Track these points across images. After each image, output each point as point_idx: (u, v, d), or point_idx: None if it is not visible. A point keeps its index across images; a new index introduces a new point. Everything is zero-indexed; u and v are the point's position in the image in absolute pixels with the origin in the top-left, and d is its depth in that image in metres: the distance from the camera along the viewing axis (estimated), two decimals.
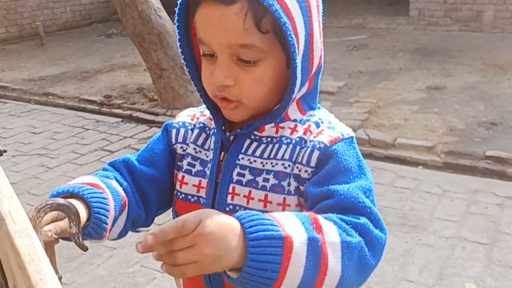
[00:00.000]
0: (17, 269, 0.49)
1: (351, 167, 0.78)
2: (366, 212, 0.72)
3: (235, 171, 0.84)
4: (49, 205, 0.62)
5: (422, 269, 2.43)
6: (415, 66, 6.10)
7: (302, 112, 0.87)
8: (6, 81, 6.58)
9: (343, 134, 0.81)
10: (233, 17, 0.72)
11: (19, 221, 0.54)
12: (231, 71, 0.77)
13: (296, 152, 0.81)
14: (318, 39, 0.81)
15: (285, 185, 0.81)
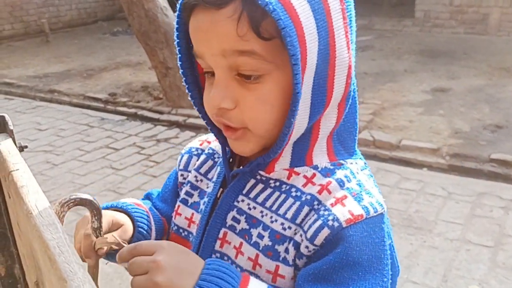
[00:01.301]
0: (46, 261, 0.50)
1: (363, 260, 0.61)
2: None
3: (230, 214, 0.71)
4: (72, 199, 0.63)
5: (426, 271, 2.44)
6: (421, 68, 6.10)
7: (331, 157, 0.68)
8: (11, 78, 6.60)
9: (369, 210, 0.62)
10: (225, 21, 0.58)
11: (46, 215, 0.55)
12: (229, 90, 0.62)
13: (303, 213, 0.64)
14: (345, 53, 0.62)
15: (281, 251, 0.65)
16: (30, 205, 0.57)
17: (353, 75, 0.66)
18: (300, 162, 0.67)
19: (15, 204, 0.66)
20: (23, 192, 0.60)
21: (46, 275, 0.53)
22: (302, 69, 0.59)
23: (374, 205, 0.63)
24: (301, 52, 0.58)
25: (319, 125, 0.66)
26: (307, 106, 0.62)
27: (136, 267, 0.58)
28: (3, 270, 0.85)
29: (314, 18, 0.59)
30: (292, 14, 0.57)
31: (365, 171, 0.70)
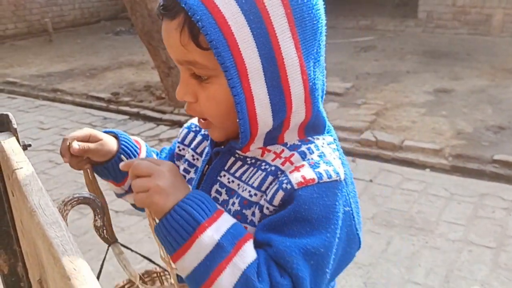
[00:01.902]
0: (50, 259, 0.50)
1: (312, 218, 0.70)
2: (292, 277, 0.68)
3: (214, 188, 0.82)
4: (75, 198, 0.63)
5: (428, 271, 2.43)
6: (423, 68, 6.09)
7: (300, 135, 0.78)
8: (14, 77, 6.62)
9: (322, 176, 0.71)
10: (173, 32, 0.69)
11: (50, 213, 0.55)
12: (189, 87, 0.74)
13: (268, 182, 0.74)
14: (292, 52, 0.69)
15: (248, 214, 0.75)
16: (34, 203, 0.58)
17: (312, 72, 0.72)
18: (272, 142, 0.77)
19: (19, 202, 0.66)
20: (27, 191, 0.60)
21: (49, 273, 0.53)
22: (242, 74, 0.68)
23: (330, 172, 0.71)
24: (235, 59, 0.67)
25: (289, 121, 0.75)
26: (266, 104, 0.70)
27: (137, 188, 0.69)
28: (6, 268, 0.86)
29: (249, 27, 0.66)
30: (223, 28, 0.66)
31: (331, 145, 0.78)
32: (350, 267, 2.46)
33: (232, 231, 0.69)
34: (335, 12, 10.28)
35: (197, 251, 0.67)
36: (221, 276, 0.66)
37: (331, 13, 5.43)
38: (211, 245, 0.67)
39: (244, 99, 0.69)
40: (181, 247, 0.67)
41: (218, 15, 0.66)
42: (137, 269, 1.27)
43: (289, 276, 0.69)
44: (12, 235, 0.83)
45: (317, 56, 0.73)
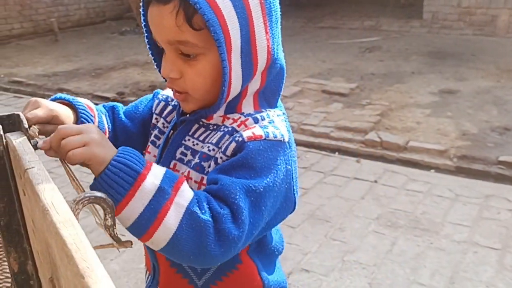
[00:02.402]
0: (63, 257, 0.51)
1: (257, 166, 0.81)
2: (233, 207, 0.77)
3: (179, 150, 0.92)
4: (87, 197, 0.64)
5: (433, 272, 2.43)
6: (428, 69, 6.08)
7: (256, 107, 0.91)
8: (21, 76, 6.65)
9: (268, 134, 0.83)
10: (168, 15, 0.79)
11: (62, 212, 0.56)
12: (175, 65, 0.84)
13: (224, 139, 0.86)
14: (263, 36, 0.84)
15: (206, 166, 0.87)
16: (46, 202, 0.58)
17: (276, 51, 0.87)
18: (232, 111, 0.90)
19: (31, 201, 0.67)
20: (39, 190, 0.61)
21: (62, 271, 0.54)
22: (228, 50, 0.80)
23: (276, 133, 0.84)
24: (225, 37, 0.79)
25: (247, 87, 0.89)
26: (239, 75, 0.84)
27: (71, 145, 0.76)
28: (16, 266, 0.87)
29: (235, 11, 0.79)
30: (216, 10, 0.77)
31: (280, 117, 0.91)
32: (354, 267, 2.47)
33: (168, 176, 0.77)
34: (339, 12, 10.28)
35: (141, 197, 0.73)
36: (167, 215, 0.74)
37: (335, 13, 5.48)
38: (154, 190, 0.73)
39: (228, 71, 0.81)
40: (125, 196, 0.73)
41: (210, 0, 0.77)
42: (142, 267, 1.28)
43: (229, 207, 0.78)
44: (23, 234, 0.83)
45: (278, 39, 0.89)
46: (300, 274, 2.45)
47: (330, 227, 2.86)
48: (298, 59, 6.86)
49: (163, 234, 0.74)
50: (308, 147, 4.08)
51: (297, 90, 5.38)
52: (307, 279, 2.41)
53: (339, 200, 3.18)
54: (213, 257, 0.77)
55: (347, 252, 2.61)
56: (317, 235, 2.79)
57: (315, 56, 6.99)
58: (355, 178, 3.49)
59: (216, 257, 0.77)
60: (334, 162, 3.78)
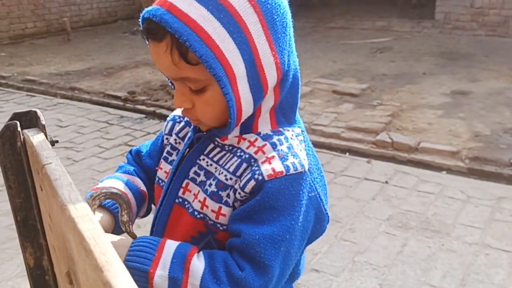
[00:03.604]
0: (81, 252, 0.52)
1: (279, 206, 0.80)
2: (264, 265, 0.78)
3: (193, 169, 0.91)
4: (103, 193, 0.65)
5: (445, 274, 2.42)
6: (440, 70, 6.04)
7: (273, 125, 0.87)
8: (33, 75, 6.71)
9: (289, 169, 0.81)
10: (163, 55, 0.77)
11: (80, 207, 0.57)
12: (185, 96, 0.83)
13: (242, 168, 0.84)
14: (268, 53, 0.79)
15: (224, 196, 0.84)
16: (64, 198, 0.59)
17: (286, 64, 0.83)
18: (247, 130, 0.87)
19: (48, 197, 0.68)
20: (57, 185, 0.62)
21: (80, 265, 0.55)
22: (231, 79, 0.77)
23: (296, 165, 0.81)
24: (225, 68, 0.76)
25: (260, 106, 0.85)
26: (249, 100, 0.81)
27: None
28: (32, 261, 0.88)
29: (232, 38, 0.75)
30: (209, 43, 0.74)
31: (299, 137, 0.88)
32: (365, 268, 2.47)
33: (176, 260, 0.78)
34: (350, 13, 10.24)
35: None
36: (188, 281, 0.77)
37: (346, 14, 5.47)
38: (166, 281, 0.77)
39: (234, 100, 0.79)
40: None
41: (201, 32, 0.73)
42: None
43: (252, 265, 0.78)
44: (39, 229, 0.84)
45: (289, 47, 0.84)
46: (310, 274, 2.45)
47: (340, 228, 2.85)
48: (308, 59, 6.85)
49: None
50: (318, 147, 4.07)
51: (308, 91, 5.37)
52: (317, 279, 2.41)
53: (350, 201, 3.17)
54: None
55: (358, 253, 2.60)
56: (327, 235, 2.78)
57: (326, 57, 6.98)
58: (365, 178, 3.48)
59: None
60: (344, 162, 3.77)
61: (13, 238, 2.82)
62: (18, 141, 0.77)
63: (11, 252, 2.70)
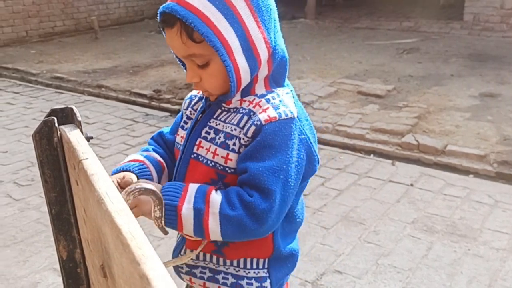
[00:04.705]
0: (118, 245, 0.53)
1: (275, 144, 1.00)
2: (267, 190, 0.98)
3: (204, 130, 1.10)
4: (138, 189, 0.66)
5: (471, 279, 2.38)
6: (469, 72, 5.93)
7: (267, 88, 1.09)
8: (62, 72, 6.85)
9: (281, 114, 1.01)
10: (175, 37, 0.99)
11: (116, 201, 0.58)
12: (194, 72, 1.04)
13: (244, 120, 1.04)
14: (257, 30, 1.01)
15: (230, 144, 1.04)
16: (101, 192, 0.60)
17: (273, 40, 1.04)
18: (247, 94, 1.08)
19: (84, 191, 0.69)
20: (94, 180, 0.63)
21: (116, 259, 0.56)
22: (229, 52, 0.98)
23: (287, 112, 1.02)
24: (222, 43, 0.97)
25: (257, 75, 1.07)
26: (246, 68, 1.01)
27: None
28: (65, 254, 0.90)
29: (226, 19, 0.97)
30: (209, 24, 0.96)
31: (289, 95, 1.09)
32: (389, 271, 2.44)
33: (198, 195, 0.99)
34: (377, 13, 10.13)
35: (187, 222, 0.98)
36: (209, 225, 0.98)
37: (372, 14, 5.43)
38: (192, 213, 0.98)
39: (233, 68, 0.99)
40: (177, 227, 0.98)
41: (203, 16, 0.95)
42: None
43: (259, 192, 0.98)
44: (72, 223, 0.86)
45: (274, 28, 1.05)
46: (333, 275, 2.44)
47: (364, 230, 2.83)
48: (333, 59, 6.81)
49: (214, 236, 1.00)
50: (342, 148, 4.05)
51: (333, 91, 5.34)
52: (340, 280, 2.40)
53: (374, 203, 3.14)
54: (259, 233, 1.00)
55: (381, 255, 2.58)
56: (350, 237, 2.77)
57: (351, 57, 6.93)
58: (390, 181, 3.44)
59: (261, 233, 1.00)
60: (369, 164, 3.74)
61: (41, 232, 2.89)
62: (55, 137, 0.79)
63: (39, 245, 2.76)
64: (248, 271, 1.14)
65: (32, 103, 5.65)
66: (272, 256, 1.15)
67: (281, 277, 1.20)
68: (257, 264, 1.15)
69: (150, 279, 0.45)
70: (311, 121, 1.14)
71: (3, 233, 2.88)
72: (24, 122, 4.98)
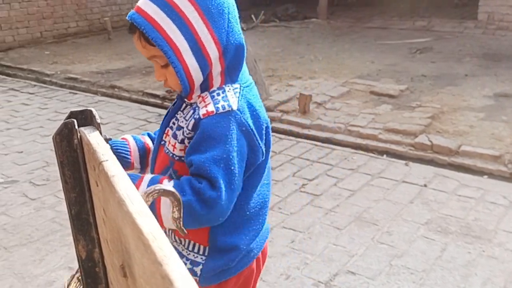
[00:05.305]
0: (139, 246, 0.54)
1: (215, 136, 1.09)
2: (210, 179, 1.07)
3: (171, 120, 1.24)
4: (157, 190, 0.67)
5: (485, 281, 2.36)
6: (483, 71, 5.88)
7: (222, 83, 1.18)
8: (75, 73, 6.91)
9: (219, 108, 1.11)
10: (137, 42, 1.13)
11: (137, 203, 0.59)
12: (160, 72, 1.17)
13: (190, 114, 1.17)
14: (206, 32, 1.10)
15: (179, 135, 1.17)
16: (122, 194, 0.62)
17: (224, 39, 1.12)
18: (205, 90, 1.17)
19: (104, 192, 0.71)
20: (115, 181, 0.64)
21: (137, 259, 0.57)
22: (177, 53, 1.09)
23: (225, 106, 1.12)
24: (171, 45, 1.08)
25: (212, 73, 1.16)
26: (196, 67, 1.11)
27: None
28: (84, 253, 0.91)
29: (175, 24, 1.08)
30: (158, 28, 1.08)
31: (236, 90, 1.17)
32: (402, 272, 2.43)
33: (150, 183, 1.10)
34: (389, 12, 10.08)
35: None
36: (161, 209, 1.07)
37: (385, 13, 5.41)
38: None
39: (182, 68, 1.10)
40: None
41: (154, 22, 1.08)
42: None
43: (206, 179, 1.07)
44: (91, 223, 0.88)
45: (228, 27, 1.13)
46: (346, 276, 2.43)
47: (377, 230, 2.82)
48: (346, 59, 6.79)
49: (167, 222, 1.07)
50: (355, 148, 4.04)
51: (345, 91, 5.32)
52: (353, 281, 2.39)
53: (387, 203, 3.13)
54: (209, 219, 1.09)
55: (395, 256, 2.57)
56: (363, 237, 2.76)
57: (364, 57, 6.90)
58: (403, 181, 3.42)
59: (211, 219, 1.09)
60: (382, 164, 3.72)
61: (57, 231, 2.92)
62: (75, 139, 0.80)
63: (54, 244, 2.80)
64: (189, 253, 1.24)
65: (47, 104, 5.71)
66: (210, 245, 1.22)
67: (214, 268, 1.22)
68: (198, 249, 1.23)
69: (173, 280, 0.46)
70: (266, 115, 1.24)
71: (19, 232, 2.93)
72: (39, 123, 5.04)
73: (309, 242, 2.73)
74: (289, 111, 4.75)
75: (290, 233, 2.83)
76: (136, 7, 1.12)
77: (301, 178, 3.54)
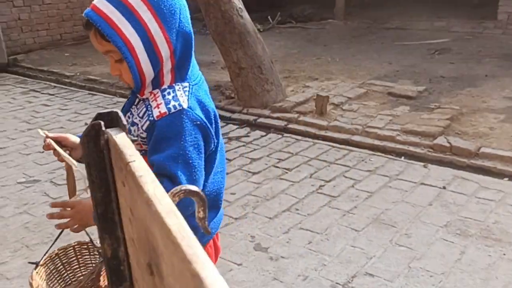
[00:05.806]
0: (169, 245, 0.55)
1: (170, 136, 1.16)
2: (171, 175, 1.14)
3: (127, 114, 1.30)
4: (182, 190, 0.69)
5: (506, 284, 2.33)
6: (503, 72, 5.79)
7: (172, 81, 1.25)
8: (95, 74, 7.01)
9: (171, 109, 1.19)
10: (93, 37, 1.20)
11: (165, 203, 0.60)
12: (114, 67, 1.24)
13: (142, 112, 1.24)
14: (159, 32, 1.17)
15: (133, 130, 1.25)
16: (150, 194, 0.63)
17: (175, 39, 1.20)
18: (156, 87, 1.25)
19: (131, 192, 0.72)
20: (142, 182, 0.66)
21: (166, 257, 0.58)
22: (131, 49, 1.17)
23: (176, 105, 1.20)
24: (125, 42, 1.16)
25: (163, 70, 1.23)
26: (147, 63, 1.19)
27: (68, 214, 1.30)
28: (109, 252, 0.93)
29: (129, 22, 1.15)
30: (113, 26, 1.15)
31: (185, 89, 1.25)
32: (421, 275, 2.41)
33: None
34: (407, 13, 9.99)
35: None
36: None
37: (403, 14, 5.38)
38: None
39: (134, 63, 1.18)
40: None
41: (108, 19, 1.15)
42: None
43: (167, 177, 1.13)
44: (117, 222, 0.90)
45: (179, 27, 1.21)
46: (364, 278, 2.42)
47: (395, 232, 2.81)
48: (363, 60, 6.76)
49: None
50: (372, 150, 4.02)
51: (362, 92, 5.30)
52: (371, 283, 2.38)
53: (405, 205, 3.11)
54: (182, 212, 1.21)
55: (414, 259, 2.55)
56: (382, 239, 2.75)
57: (381, 58, 6.86)
58: (422, 183, 3.40)
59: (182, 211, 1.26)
60: (400, 166, 3.70)
61: None
62: (101, 140, 0.82)
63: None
64: None
65: (67, 105, 5.80)
66: None
67: None
68: None
69: (203, 278, 0.47)
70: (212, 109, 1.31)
71: (41, 231, 2.98)
72: (59, 123, 5.12)
73: (326, 244, 2.73)
74: (306, 113, 4.74)
75: (308, 234, 2.83)
76: (92, 5, 1.19)
77: (318, 179, 3.54)
